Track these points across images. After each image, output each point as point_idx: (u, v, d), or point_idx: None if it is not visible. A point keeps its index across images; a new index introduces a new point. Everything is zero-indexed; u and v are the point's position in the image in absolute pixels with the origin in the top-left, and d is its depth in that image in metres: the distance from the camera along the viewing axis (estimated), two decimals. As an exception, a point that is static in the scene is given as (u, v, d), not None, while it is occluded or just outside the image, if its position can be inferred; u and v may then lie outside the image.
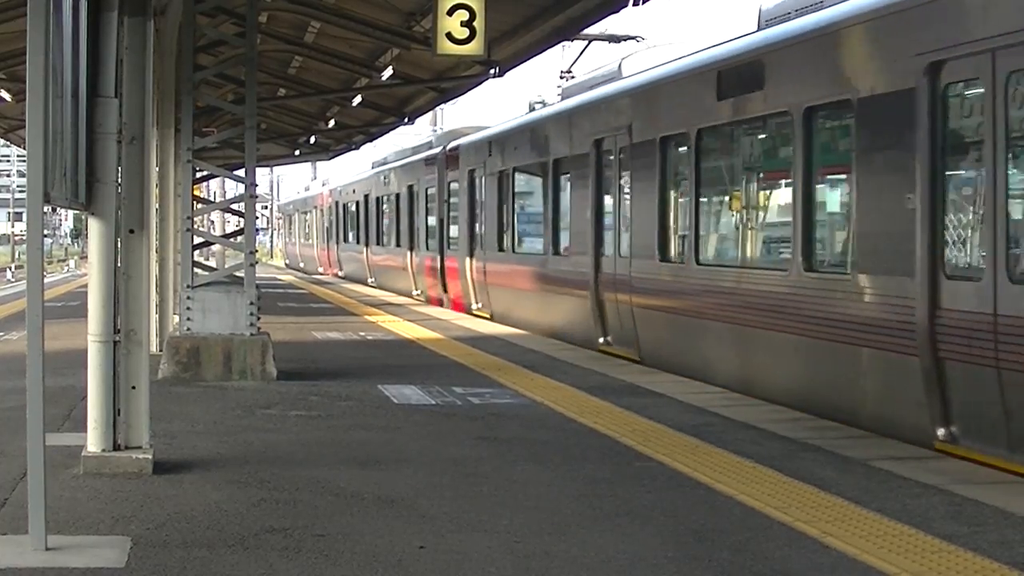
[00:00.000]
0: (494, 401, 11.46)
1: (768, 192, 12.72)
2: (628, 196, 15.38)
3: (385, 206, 34.29)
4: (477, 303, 23.35)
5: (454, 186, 25.19)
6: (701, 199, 13.53)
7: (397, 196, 31.72)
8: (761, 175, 12.89)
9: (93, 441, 7.84)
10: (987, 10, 8.58)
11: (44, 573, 5.65)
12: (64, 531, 6.33)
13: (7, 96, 22.44)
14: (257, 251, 13.65)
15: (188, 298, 12.82)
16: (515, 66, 17.49)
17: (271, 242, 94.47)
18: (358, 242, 39.21)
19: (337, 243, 44.84)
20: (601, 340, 16.31)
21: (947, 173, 9.14)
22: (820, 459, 8.60)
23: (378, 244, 35.38)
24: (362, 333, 18.98)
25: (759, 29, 12.75)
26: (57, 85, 6.39)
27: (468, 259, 23.68)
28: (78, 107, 7.08)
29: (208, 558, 5.94)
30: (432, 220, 27.42)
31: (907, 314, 9.30)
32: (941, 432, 9.03)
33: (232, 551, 6.09)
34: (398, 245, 31.53)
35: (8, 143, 36.56)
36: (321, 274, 47.41)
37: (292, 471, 8.07)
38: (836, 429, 9.97)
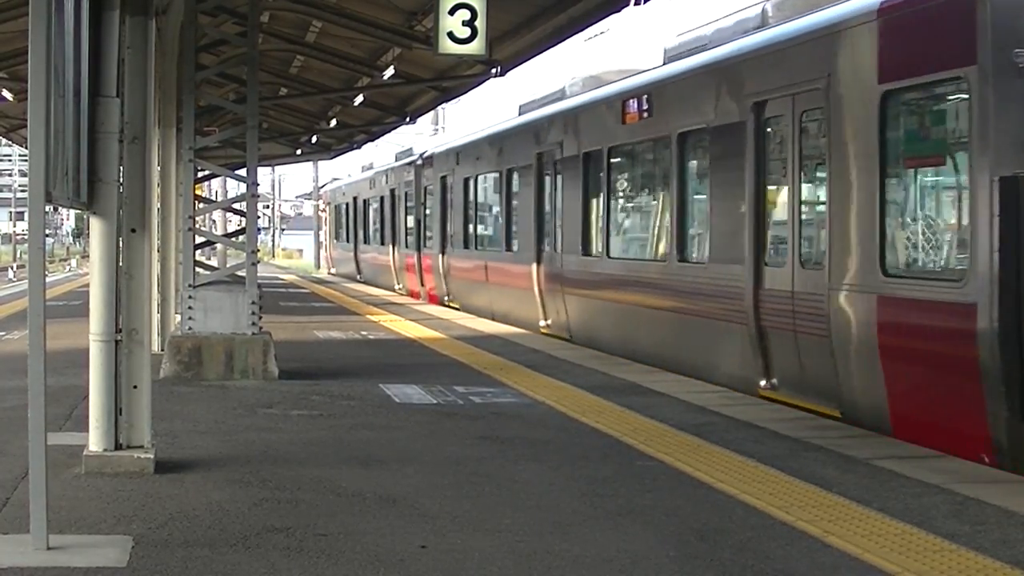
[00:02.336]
0: (496, 400, 11.46)
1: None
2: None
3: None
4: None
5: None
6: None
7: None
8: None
9: (95, 440, 7.84)
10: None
11: (46, 572, 5.65)
12: (66, 530, 6.33)
13: (9, 96, 22.45)
14: (259, 250, 13.66)
15: (190, 297, 12.82)
16: (516, 65, 17.48)
17: (272, 241, 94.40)
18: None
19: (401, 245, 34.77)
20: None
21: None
22: (822, 458, 8.60)
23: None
24: (364, 332, 18.98)
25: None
26: (59, 84, 6.39)
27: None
28: (80, 106, 7.09)
29: (210, 557, 5.94)
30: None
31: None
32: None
33: (234, 550, 6.09)
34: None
35: (10, 142, 36.58)
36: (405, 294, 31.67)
37: (294, 470, 8.07)
38: (838, 428, 9.97)
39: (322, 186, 52.01)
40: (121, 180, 7.77)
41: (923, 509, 7.06)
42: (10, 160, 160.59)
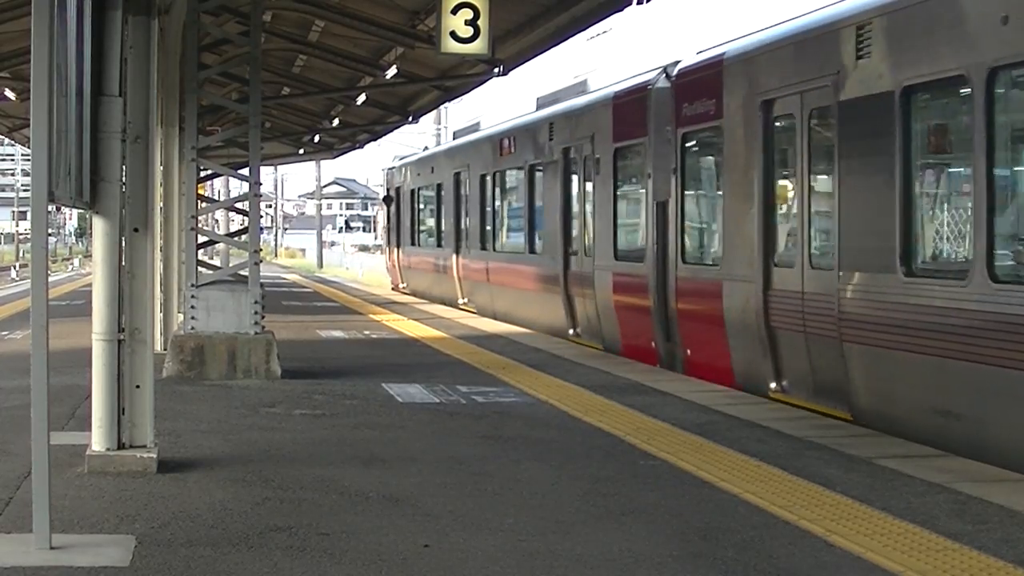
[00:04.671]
0: (498, 400, 11.46)
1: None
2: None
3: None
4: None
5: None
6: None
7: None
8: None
9: (97, 440, 7.84)
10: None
11: (48, 572, 5.65)
12: (68, 530, 6.34)
13: (12, 95, 22.45)
14: (261, 250, 13.66)
15: (192, 297, 12.83)
16: (519, 64, 17.48)
17: (275, 241, 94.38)
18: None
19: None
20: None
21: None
22: (825, 457, 8.59)
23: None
24: (366, 332, 18.99)
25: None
26: (61, 84, 6.39)
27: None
28: (82, 106, 7.09)
29: (212, 557, 5.95)
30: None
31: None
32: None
33: (236, 550, 6.09)
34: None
35: (13, 142, 36.60)
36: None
37: (296, 470, 8.07)
38: (841, 428, 9.97)
39: (390, 168, 34.84)
40: (124, 179, 7.78)
41: (926, 508, 7.06)
42: (13, 159, 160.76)
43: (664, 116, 14.39)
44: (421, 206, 30.69)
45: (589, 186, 17.42)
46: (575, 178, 18.29)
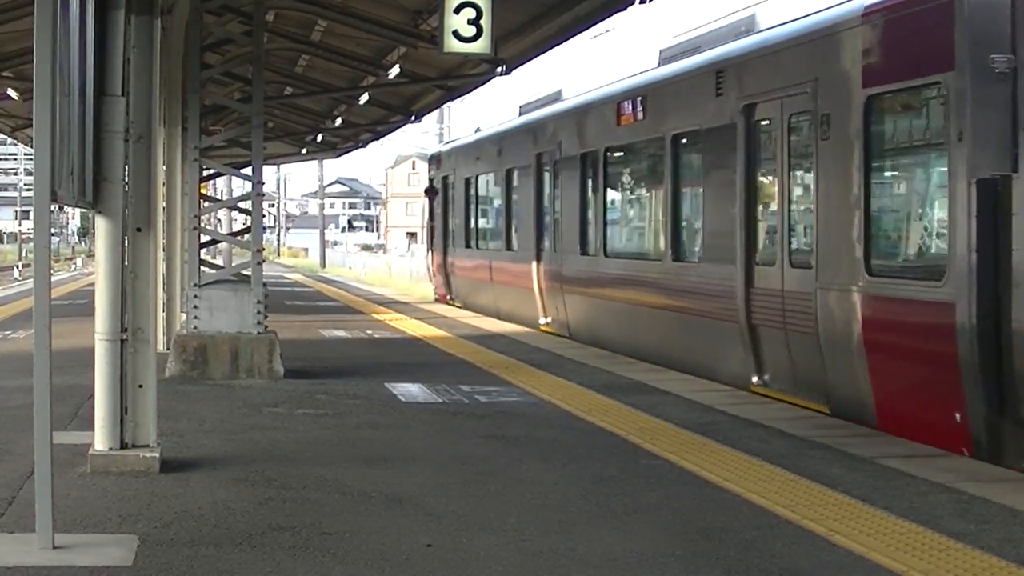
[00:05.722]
0: (501, 399, 11.46)
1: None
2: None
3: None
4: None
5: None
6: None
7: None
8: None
9: (100, 439, 7.84)
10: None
11: (51, 571, 5.65)
12: (71, 529, 6.34)
13: (14, 95, 22.45)
14: (264, 249, 13.67)
15: (195, 296, 12.83)
16: (522, 64, 17.47)
17: (277, 240, 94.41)
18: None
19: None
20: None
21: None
22: (827, 457, 8.59)
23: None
24: (369, 331, 18.99)
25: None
26: (64, 84, 6.39)
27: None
28: (85, 106, 7.08)
29: (215, 556, 5.95)
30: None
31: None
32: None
33: (239, 549, 6.09)
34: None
35: (15, 141, 36.62)
36: None
37: (299, 469, 8.07)
38: (844, 427, 9.96)
39: (434, 154, 30.47)
40: (126, 179, 7.78)
41: (928, 508, 7.05)
42: (15, 159, 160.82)
43: (990, 37, 8.91)
44: (481, 198, 24.82)
45: (804, 163, 11.41)
46: (774, 149, 11.94)
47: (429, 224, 28.93)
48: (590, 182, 17.44)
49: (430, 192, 28.56)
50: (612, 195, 17.31)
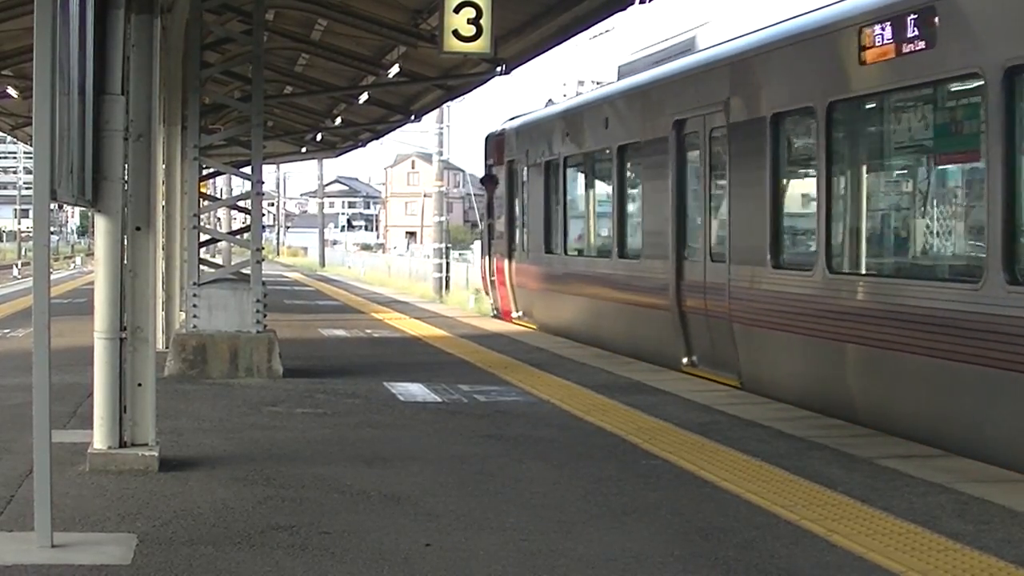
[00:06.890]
0: (500, 399, 11.46)
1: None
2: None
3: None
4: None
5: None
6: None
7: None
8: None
9: (99, 438, 7.84)
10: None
11: (50, 570, 5.65)
12: (70, 528, 6.34)
13: (14, 93, 22.44)
14: (264, 248, 13.67)
15: (194, 295, 12.83)
16: (521, 64, 17.45)
17: (277, 239, 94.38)
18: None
19: None
20: (685, 361, 15.74)
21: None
22: (826, 457, 8.59)
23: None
24: (368, 331, 18.98)
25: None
26: (64, 82, 6.39)
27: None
28: (85, 104, 7.08)
29: (214, 555, 5.95)
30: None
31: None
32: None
33: (238, 548, 6.09)
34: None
35: (15, 140, 36.60)
36: None
37: (298, 468, 8.08)
38: (843, 427, 9.97)
39: (494, 134, 23.28)
40: (126, 178, 7.78)
41: (927, 508, 7.05)
42: (15, 157, 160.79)
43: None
44: (571, 186, 19.11)
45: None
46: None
47: (487, 223, 23.35)
48: (770, 159, 12.02)
49: (488, 181, 23.09)
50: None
